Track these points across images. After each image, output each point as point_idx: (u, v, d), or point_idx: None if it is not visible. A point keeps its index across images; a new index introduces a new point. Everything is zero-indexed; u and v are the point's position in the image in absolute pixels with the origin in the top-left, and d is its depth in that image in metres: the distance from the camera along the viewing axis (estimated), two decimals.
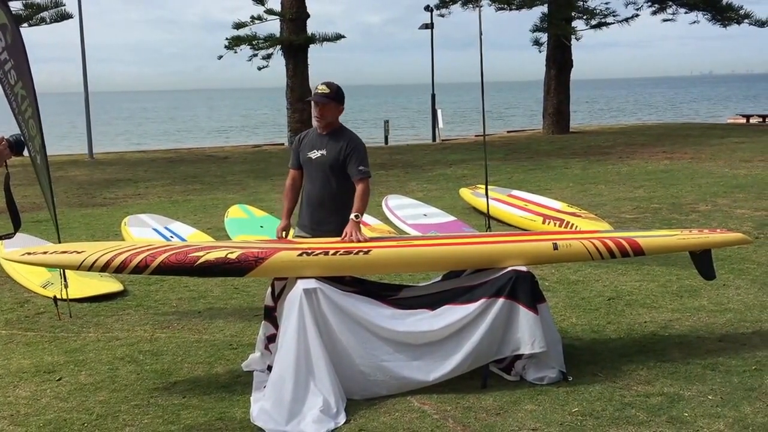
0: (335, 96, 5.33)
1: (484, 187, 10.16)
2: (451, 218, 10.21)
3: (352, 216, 5.13)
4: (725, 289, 7.00)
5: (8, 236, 4.46)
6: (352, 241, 5.00)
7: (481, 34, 7.93)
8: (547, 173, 16.02)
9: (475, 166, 17.48)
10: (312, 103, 5.33)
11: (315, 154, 5.34)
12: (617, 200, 12.20)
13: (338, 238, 5.07)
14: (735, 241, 5.61)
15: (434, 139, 26.21)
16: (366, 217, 9.62)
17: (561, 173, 15.96)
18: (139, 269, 4.64)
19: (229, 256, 4.75)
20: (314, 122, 5.41)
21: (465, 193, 12.11)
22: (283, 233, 5.60)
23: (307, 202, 5.45)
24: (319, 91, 5.33)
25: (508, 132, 31.19)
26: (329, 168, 5.28)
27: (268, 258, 4.77)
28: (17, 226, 4.32)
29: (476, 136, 28.34)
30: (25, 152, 4.54)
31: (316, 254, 4.85)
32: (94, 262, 4.64)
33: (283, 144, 27.12)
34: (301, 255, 4.83)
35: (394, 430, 4.38)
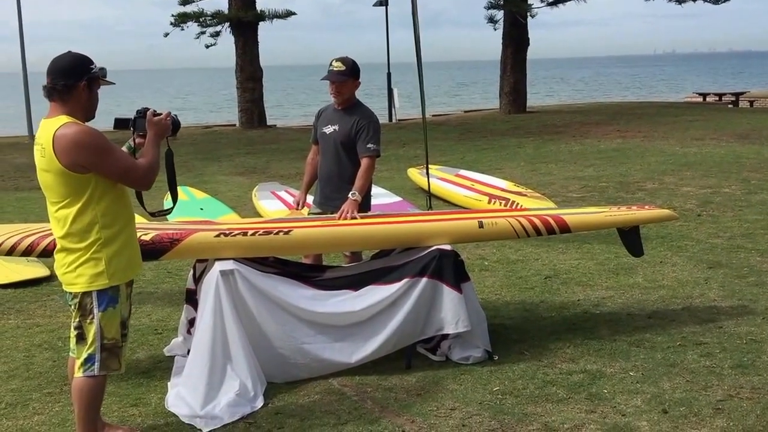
0: (350, 72, 5.37)
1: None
2: (397, 198, 10.12)
3: (350, 194, 5.18)
4: (661, 266, 7.00)
5: (166, 212, 4.37)
6: (347, 218, 5.02)
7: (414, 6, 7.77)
8: (500, 153, 15.97)
9: (430, 146, 17.37)
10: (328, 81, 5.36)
11: (329, 129, 5.44)
12: (566, 179, 12.19)
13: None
14: (662, 218, 5.56)
15: (390, 119, 26.00)
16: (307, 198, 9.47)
17: (514, 153, 15.92)
18: (48, 252, 4.48)
19: (143, 237, 4.59)
20: (332, 98, 5.46)
21: (413, 173, 12.02)
22: (297, 206, 5.72)
23: (320, 176, 5.59)
24: (335, 69, 5.35)
25: (465, 112, 31.08)
26: (340, 143, 5.38)
27: (184, 239, 4.63)
28: (175, 202, 4.27)
29: (434, 116, 28.23)
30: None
31: (234, 235, 4.72)
32: (0, 245, 4.49)
33: (234, 125, 26.27)
34: (218, 236, 4.70)
35: (311, 413, 4.29)
